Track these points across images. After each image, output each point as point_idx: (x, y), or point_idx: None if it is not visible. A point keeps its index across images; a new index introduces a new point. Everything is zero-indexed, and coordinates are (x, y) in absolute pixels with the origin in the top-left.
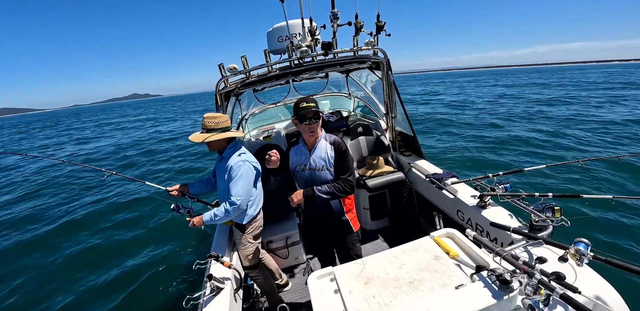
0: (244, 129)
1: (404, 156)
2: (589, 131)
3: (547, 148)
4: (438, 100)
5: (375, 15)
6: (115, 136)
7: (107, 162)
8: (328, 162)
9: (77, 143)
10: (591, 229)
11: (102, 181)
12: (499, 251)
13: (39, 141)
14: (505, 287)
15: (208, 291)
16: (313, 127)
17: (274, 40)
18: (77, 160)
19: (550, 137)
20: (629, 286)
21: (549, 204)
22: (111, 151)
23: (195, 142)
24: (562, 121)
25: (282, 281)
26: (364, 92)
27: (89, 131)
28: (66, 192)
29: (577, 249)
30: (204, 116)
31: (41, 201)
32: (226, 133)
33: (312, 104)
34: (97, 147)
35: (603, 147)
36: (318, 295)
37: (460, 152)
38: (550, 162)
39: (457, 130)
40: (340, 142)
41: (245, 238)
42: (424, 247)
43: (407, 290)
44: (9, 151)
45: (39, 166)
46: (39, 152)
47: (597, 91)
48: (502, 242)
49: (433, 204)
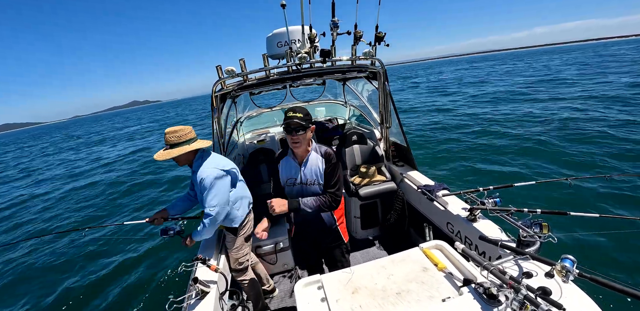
0: (239, 131)
1: (397, 166)
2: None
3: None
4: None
5: (374, 20)
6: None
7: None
8: (319, 176)
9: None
10: (577, 246)
11: (83, 236)
12: (486, 265)
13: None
14: (492, 301)
15: (193, 294)
16: (295, 138)
17: (273, 45)
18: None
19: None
20: (613, 305)
21: (537, 220)
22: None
23: (161, 161)
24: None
25: (269, 287)
26: (359, 101)
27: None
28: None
29: (563, 266)
30: (165, 131)
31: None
32: (190, 146)
33: (298, 114)
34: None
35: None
36: (304, 303)
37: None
38: (540, 178)
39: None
40: (332, 154)
41: (237, 240)
42: (413, 258)
43: (394, 300)
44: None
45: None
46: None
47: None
48: (490, 256)
49: (423, 216)
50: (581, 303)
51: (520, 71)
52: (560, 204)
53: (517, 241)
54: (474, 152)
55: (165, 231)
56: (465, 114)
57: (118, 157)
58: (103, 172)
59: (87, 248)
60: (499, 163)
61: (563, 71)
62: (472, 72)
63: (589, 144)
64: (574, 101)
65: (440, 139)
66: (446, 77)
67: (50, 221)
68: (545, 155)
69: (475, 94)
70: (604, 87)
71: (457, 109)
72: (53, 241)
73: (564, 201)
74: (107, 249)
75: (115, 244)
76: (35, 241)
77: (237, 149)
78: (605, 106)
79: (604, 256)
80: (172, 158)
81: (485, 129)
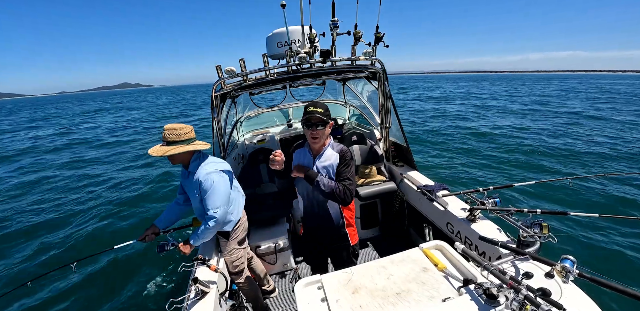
0: (239, 131)
1: (397, 166)
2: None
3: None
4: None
5: (374, 22)
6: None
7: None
8: (331, 171)
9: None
10: (577, 246)
11: (73, 272)
12: (486, 265)
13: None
14: (492, 301)
15: (192, 294)
16: (315, 134)
17: (273, 45)
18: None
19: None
20: (613, 306)
21: (537, 220)
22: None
23: (155, 157)
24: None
25: (269, 287)
26: (359, 101)
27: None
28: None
29: (563, 266)
30: (164, 127)
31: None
32: (189, 146)
33: (319, 109)
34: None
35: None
36: (304, 303)
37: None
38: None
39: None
40: (347, 152)
41: (229, 244)
42: (413, 258)
43: (394, 300)
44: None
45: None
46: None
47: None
48: (490, 256)
49: (423, 216)
50: (581, 303)
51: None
52: (560, 205)
53: (517, 241)
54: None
55: (162, 247)
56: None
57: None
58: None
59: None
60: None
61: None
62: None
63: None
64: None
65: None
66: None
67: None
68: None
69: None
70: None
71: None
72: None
73: (563, 201)
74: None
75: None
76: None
77: (237, 149)
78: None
79: (604, 256)
80: (168, 155)
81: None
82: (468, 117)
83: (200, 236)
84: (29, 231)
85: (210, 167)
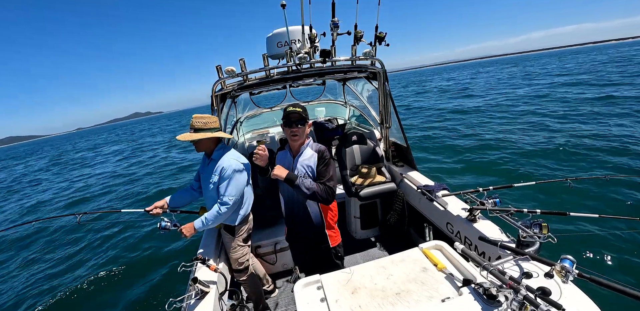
0: (239, 131)
1: (397, 166)
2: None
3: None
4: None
5: (374, 22)
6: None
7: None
8: (310, 170)
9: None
10: (577, 246)
11: (77, 224)
12: (486, 266)
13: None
14: (492, 302)
15: (192, 294)
16: (295, 131)
17: (273, 45)
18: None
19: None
20: (613, 306)
21: (537, 220)
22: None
23: (182, 141)
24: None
25: (269, 287)
26: (359, 101)
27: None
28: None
29: (562, 266)
30: (192, 116)
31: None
32: (215, 133)
33: (298, 109)
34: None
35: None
36: (304, 303)
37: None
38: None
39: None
40: (325, 151)
41: (235, 241)
42: (413, 258)
43: (394, 301)
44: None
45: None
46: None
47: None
48: (489, 256)
49: (423, 216)
50: (581, 303)
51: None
52: (560, 205)
53: (517, 241)
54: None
55: (165, 225)
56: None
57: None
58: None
59: (85, 239)
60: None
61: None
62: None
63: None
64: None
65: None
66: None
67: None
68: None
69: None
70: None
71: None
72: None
73: (563, 201)
74: (106, 248)
75: (114, 242)
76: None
77: (237, 149)
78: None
79: (604, 257)
80: (193, 141)
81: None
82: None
83: (207, 221)
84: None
85: (234, 158)
